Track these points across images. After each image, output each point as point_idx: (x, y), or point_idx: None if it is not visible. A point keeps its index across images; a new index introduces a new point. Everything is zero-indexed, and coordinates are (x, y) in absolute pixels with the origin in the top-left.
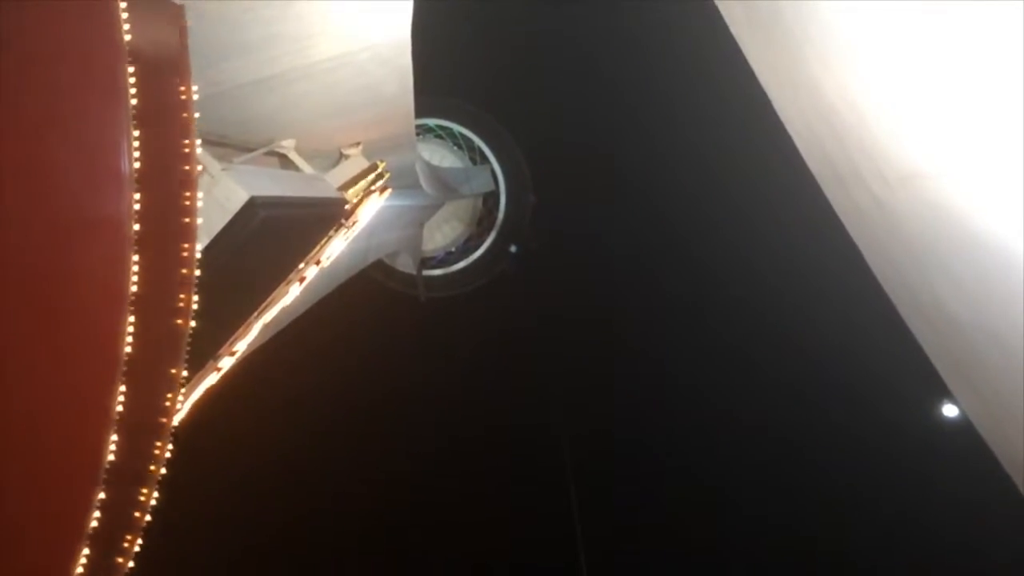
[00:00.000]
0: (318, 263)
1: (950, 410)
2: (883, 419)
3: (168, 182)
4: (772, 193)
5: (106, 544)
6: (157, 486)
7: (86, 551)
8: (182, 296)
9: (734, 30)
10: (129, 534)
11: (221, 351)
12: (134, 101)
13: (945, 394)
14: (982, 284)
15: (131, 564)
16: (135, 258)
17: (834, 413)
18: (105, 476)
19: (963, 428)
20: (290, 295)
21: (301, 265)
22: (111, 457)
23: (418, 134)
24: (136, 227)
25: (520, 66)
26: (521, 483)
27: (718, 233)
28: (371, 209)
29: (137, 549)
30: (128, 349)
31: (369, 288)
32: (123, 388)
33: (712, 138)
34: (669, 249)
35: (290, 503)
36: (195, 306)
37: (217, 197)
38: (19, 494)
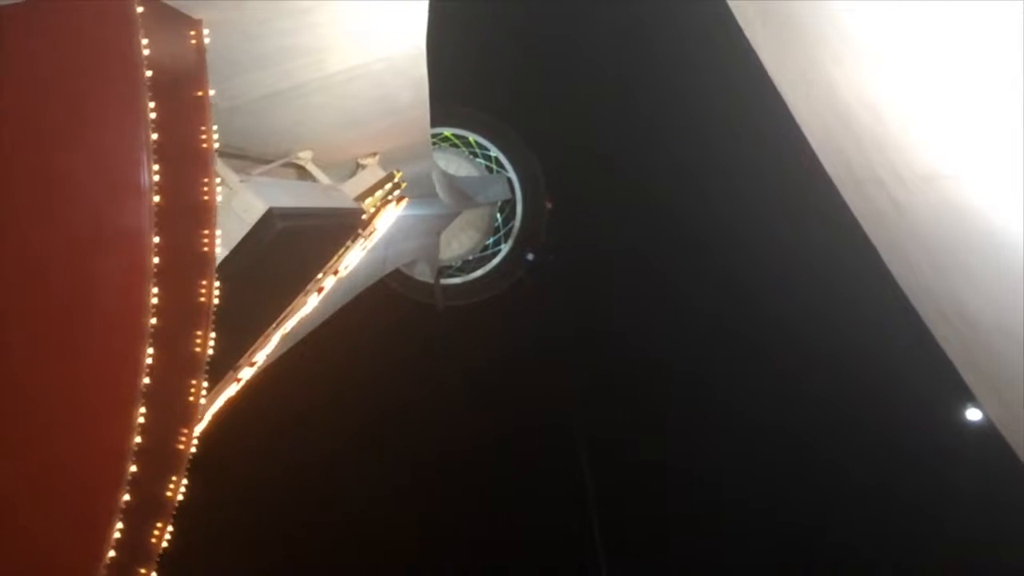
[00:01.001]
0: (336, 273)
1: (973, 414)
2: (906, 423)
3: (187, 193)
4: (789, 196)
5: (134, 543)
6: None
7: (111, 554)
8: (203, 305)
9: (747, 32)
10: (161, 520)
11: (241, 361)
12: (153, 114)
13: (968, 397)
14: (1003, 285)
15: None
16: (156, 268)
17: (855, 417)
18: (129, 476)
19: (987, 432)
20: (309, 305)
21: (319, 275)
22: (133, 468)
23: (434, 143)
24: (156, 238)
25: (536, 74)
26: (538, 492)
27: (736, 236)
28: (388, 219)
29: (166, 542)
30: (149, 359)
31: (387, 297)
32: (145, 397)
33: (728, 141)
34: (687, 254)
35: (307, 510)
36: (215, 317)
37: (236, 209)
38: (45, 497)
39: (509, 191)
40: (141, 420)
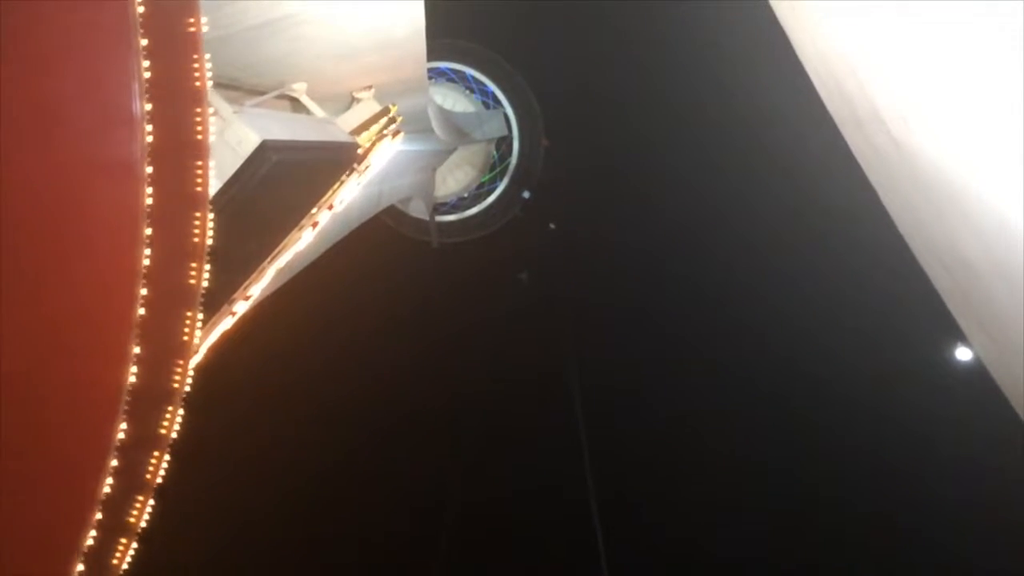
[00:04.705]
0: (331, 208)
1: (963, 353)
2: (897, 362)
3: (180, 123)
4: (788, 134)
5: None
6: (180, 413)
7: (114, 462)
8: (196, 237)
9: None
10: (157, 451)
11: (236, 295)
12: (144, 41)
13: (959, 337)
14: (999, 227)
15: (160, 477)
16: (149, 198)
17: (848, 356)
18: (125, 408)
19: (976, 371)
20: (303, 240)
21: (314, 210)
22: (129, 391)
23: (431, 78)
24: (149, 167)
25: (535, 10)
26: (533, 429)
27: (732, 174)
28: (383, 154)
29: (164, 468)
30: (143, 290)
31: (381, 233)
32: (140, 327)
33: (729, 78)
34: (682, 191)
35: (299, 444)
36: (209, 249)
37: (229, 141)
38: (44, 423)
39: (506, 128)
40: (137, 346)
